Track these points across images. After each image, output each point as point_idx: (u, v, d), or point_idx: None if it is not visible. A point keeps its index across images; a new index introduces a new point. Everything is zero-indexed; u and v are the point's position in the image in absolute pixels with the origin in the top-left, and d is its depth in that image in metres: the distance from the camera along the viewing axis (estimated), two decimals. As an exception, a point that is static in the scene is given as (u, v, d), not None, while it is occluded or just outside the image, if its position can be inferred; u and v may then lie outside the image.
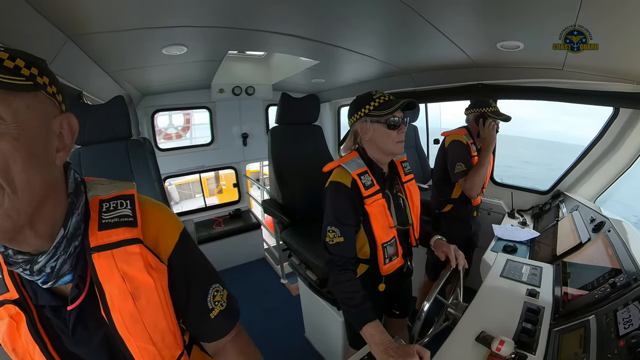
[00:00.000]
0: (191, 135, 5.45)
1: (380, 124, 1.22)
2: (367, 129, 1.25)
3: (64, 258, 0.54)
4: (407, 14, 1.42)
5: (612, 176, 2.08)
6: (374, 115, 1.22)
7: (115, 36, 1.64)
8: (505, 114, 1.98)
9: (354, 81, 3.29)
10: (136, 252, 0.58)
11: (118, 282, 0.57)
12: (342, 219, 1.20)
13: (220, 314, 0.72)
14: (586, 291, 1.15)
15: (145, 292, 0.59)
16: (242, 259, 3.82)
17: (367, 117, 1.24)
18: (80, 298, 0.57)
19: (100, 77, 2.19)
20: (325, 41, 2.04)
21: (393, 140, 1.23)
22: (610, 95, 1.80)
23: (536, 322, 1.10)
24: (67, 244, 0.54)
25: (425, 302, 1.11)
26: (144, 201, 0.65)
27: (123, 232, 0.58)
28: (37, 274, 0.53)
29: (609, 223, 1.47)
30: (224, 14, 1.60)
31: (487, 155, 1.91)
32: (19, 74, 0.46)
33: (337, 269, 1.17)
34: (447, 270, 1.25)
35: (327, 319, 1.96)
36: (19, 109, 0.46)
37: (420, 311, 1.11)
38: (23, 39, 1.22)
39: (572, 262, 1.42)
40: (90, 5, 1.32)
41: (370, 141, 1.27)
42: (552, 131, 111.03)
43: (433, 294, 1.13)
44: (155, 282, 0.60)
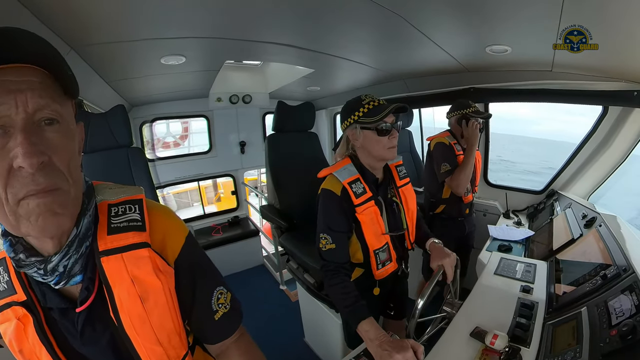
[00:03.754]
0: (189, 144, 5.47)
1: (370, 130, 1.21)
2: (358, 136, 1.25)
3: (76, 257, 0.56)
4: (395, 21, 1.47)
5: (604, 173, 2.11)
6: (363, 122, 1.21)
7: (116, 47, 1.69)
8: (486, 112, 2.03)
9: (348, 88, 3.34)
10: (145, 255, 0.60)
11: (127, 285, 0.58)
12: (332, 226, 1.22)
13: (224, 315, 0.73)
14: (577, 286, 1.17)
15: (154, 294, 0.60)
16: (241, 266, 3.82)
17: (357, 124, 1.23)
18: (90, 300, 0.58)
19: (100, 86, 2.23)
20: (319, 50, 2.09)
21: (384, 146, 1.22)
22: (598, 94, 1.84)
23: (530, 316, 1.12)
24: (79, 244, 0.56)
25: (419, 299, 1.12)
26: (151, 206, 0.66)
27: (132, 236, 0.60)
28: (50, 274, 0.54)
29: (600, 218, 1.49)
30: (222, 25, 1.65)
31: (471, 154, 1.97)
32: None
33: (330, 273, 1.20)
34: (435, 276, 1.24)
35: (325, 322, 1.96)
36: (69, 112, 0.52)
37: (414, 309, 1.11)
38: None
39: (565, 258, 1.44)
40: (93, 17, 1.36)
41: (362, 147, 1.27)
42: (553, 130, 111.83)
43: (427, 293, 1.14)
44: (163, 285, 0.61)
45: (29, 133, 0.45)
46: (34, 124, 0.46)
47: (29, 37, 0.45)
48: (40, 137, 0.47)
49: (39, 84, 0.46)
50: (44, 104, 0.46)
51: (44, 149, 0.46)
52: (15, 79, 0.44)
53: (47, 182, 0.47)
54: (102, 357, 0.62)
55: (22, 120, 0.45)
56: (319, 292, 1.81)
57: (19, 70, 0.45)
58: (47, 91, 0.47)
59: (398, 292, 1.55)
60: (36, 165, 0.45)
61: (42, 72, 0.47)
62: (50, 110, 0.47)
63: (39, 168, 0.46)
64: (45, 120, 0.47)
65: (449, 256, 1.28)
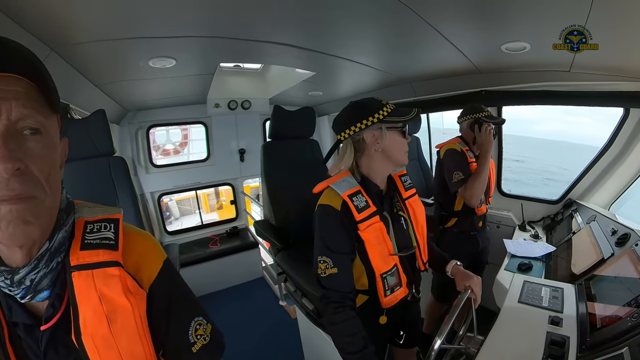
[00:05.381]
0: (189, 151, 5.38)
1: (396, 131, 1.11)
2: (382, 137, 1.10)
3: (45, 272, 0.55)
4: (407, 15, 1.32)
5: (627, 180, 1.96)
6: (390, 120, 1.09)
7: (98, 46, 1.58)
8: (500, 117, 1.90)
9: (352, 93, 3.23)
10: (115, 274, 0.58)
11: (94, 304, 0.56)
12: (333, 246, 1.06)
13: (203, 348, 0.69)
14: (616, 316, 1.01)
15: (122, 316, 0.58)
16: (240, 279, 3.67)
17: (382, 124, 1.09)
18: (55, 318, 0.55)
19: (88, 89, 2.13)
20: (321, 50, 1.96)
21: (404, 149, 1.13)
22: (619, 95, 1.73)
23: (562, 356, 0.97)
24: (49, 258, 0.55)
25: (436, 338, 0.96)
26: (129, 228, 0.66)
27: (103, 254, 0.59)
28: (16, 286, 0.53)
29: (635, 235, 1.33)
30: (213, 22, 1.52)
31: (486, 161, 1.83)
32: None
33: (332, 306, 1.03)
34: (459, 303, 1.08)
35: (327, 349, 1.79)
36: (53, 125, 0.53)
37: (430, 350, 0.96)
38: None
39: (596, 282, 1.28)
40: (72, 16, 1.27)
41: (383, 151, 1.11)
42: (555, 130, 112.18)
43: (446, 329, 0.98)
44: (133, 307, 0.59)
45: (8, 139, 0.46)
46: (16, 132, 0.47)
47: (17, 47, 0.47)
48: (19, 145, 0.47)
49: (24, 94, 0.48)
50: (27, 114, 0.48)
51: (22, 157, 0.47)
52: (1, 88, 0.46)
53: (22, 189, 0.47)
54: None
55: (3, 127, 0.46)
56: (319, 319, 1.64)
57: (6, 79, 0.46)
58: (32, 102, 0.48)
59: (409, 319, 1.35)
60: (11, 170, 0.45)
61: (28, 83, 0.48)
62: (33, 121, 0.48)
63: (15, 174, 0.46)
64: (28, 129, 0.48)
65: (475, 277, 1.17)
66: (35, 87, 0.49)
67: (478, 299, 1.13)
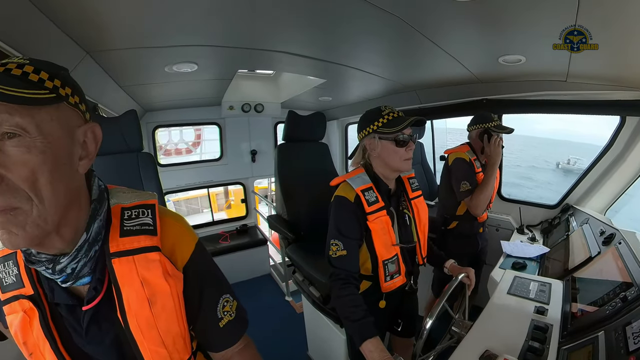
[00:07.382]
0: (201, 151, 5.53)
1: (389, 141, 1.23)
2: (375, 146, 1.26)
3: (85, 261, 0.57)
4: (408, 32, 1.45)
5: (622, 186, 2.03)
6: (383, 132, 1.22)
7: (130, 53, 1.72)
8: (509, 127, 1.97)
9: (360, 99, 3.33)
10: (155, 259, 0.61)
11: (137, 287, 0.59)
12: (344, 232, 1.20)
13: (229, 323, 0.73)
14: (596, 307, 1.11)
15: (162, 298, 0.61)
16: (248, 275, 3.80)
17: (376, 134, 1.24)
18: (97, 300, 0.59)
19: (114, 91, 2.28)
20: (331, 60, 2.09)
21: (401, 157, 1.24)
22: (615, 104, 1.79)
23: (544, 340, 1.06)
24: (88, 248, 0.57)
25: (427, 319, 1.08)
26: (163, 212, 0.68)
27: (144, 240, 0.61)
28: (58, 273, 0.55)
29: (619, 235, 1.43)
30: (235, 34, 1.66)
31: (493, 173, 1.88)
32: (42, 87, 0.47)
33: (339, 282, 1.17)
34: (451, 286, 1.21)
35: (330, 337, 1.91)
36: (43, 122, 0.47)
37: (422, 328, 1.07)
38: (44, 53, 1.29)
39: (582, 277, 1.37)
40: (108, 24, 1.39)
41: (378, 157, 1.27)
42: (555, 130, 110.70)
43: (436, 311, 1.09)
44: (172, 289, 0.62)
45: None
46: None
47: None
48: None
49: None
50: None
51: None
52: None
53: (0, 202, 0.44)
54: (105, 356, 0.63)
55: None
56: (324, 306, 1.77)
57: None
58: (2, 105, 0.43)
59: (406, 309, 1.50)
60: None
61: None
62: (8, 126, 0.44)
63: None
64: (4, 134, 0.44)
65: (470, 268, 1.34)
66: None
67: (472, 283, 1.27)
